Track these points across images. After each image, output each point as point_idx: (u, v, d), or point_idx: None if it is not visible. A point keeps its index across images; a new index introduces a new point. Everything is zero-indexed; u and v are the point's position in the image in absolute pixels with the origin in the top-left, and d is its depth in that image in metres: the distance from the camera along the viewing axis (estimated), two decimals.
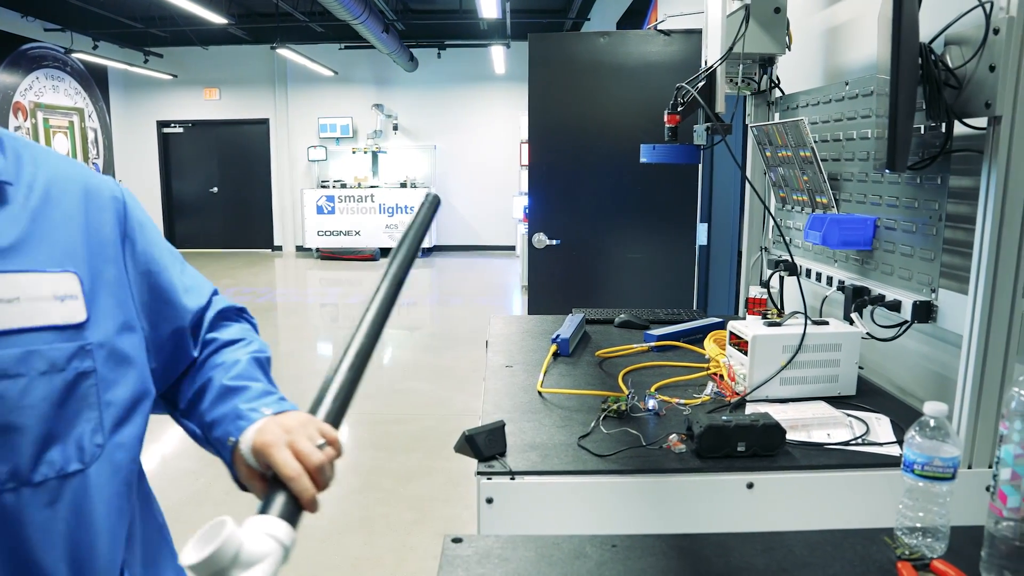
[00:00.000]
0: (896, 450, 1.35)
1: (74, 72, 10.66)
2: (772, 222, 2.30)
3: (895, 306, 1.60)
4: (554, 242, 3.61)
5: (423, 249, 10.59)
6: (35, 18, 9.11)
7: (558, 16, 9.95)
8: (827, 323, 1.67)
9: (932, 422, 0.98)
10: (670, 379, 1.74)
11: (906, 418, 1.47)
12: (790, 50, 2.05)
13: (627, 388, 1.66)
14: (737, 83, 2.11)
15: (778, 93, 2.24)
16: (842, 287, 1.80)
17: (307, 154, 12.00)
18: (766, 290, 2.17)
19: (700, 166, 3.47)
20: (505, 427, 1.34)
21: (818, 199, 1.95)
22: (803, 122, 1.85)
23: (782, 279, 2.23)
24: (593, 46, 3.50)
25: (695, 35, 2.95)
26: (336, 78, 11.71)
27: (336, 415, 0.86)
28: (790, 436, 1.36)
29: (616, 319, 2.34)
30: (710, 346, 1.93)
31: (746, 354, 1.59)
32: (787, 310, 2.17)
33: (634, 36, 3.66)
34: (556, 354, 1.96)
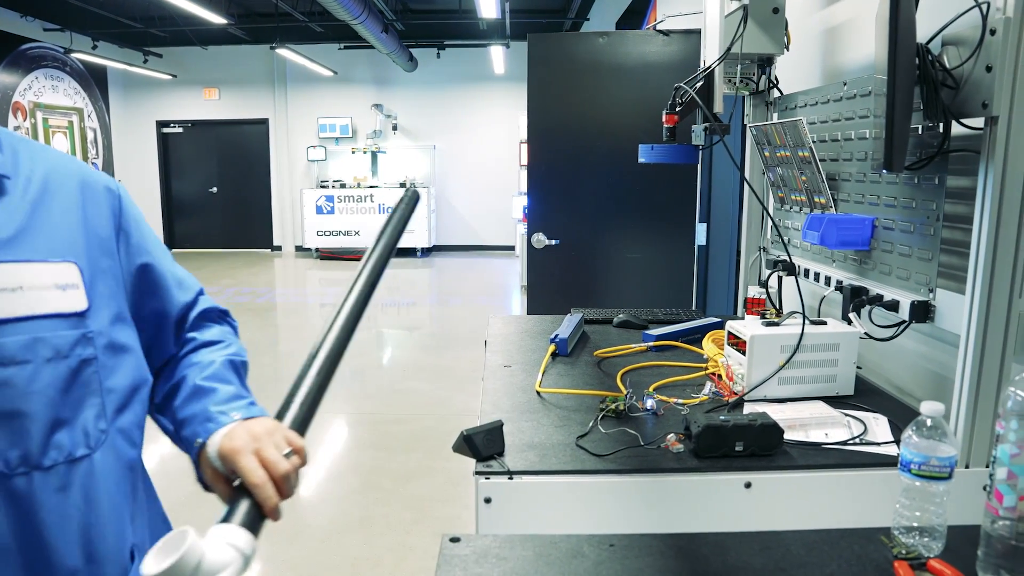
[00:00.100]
0: (894, 450, 1.35)
1: (73, 72, 10.65)
2: (770, 222, 2.30)
3: (893, 306, 1.60)
4: (553, 242, 3.61)
5: (422, 249, 10.46)
6: (34, 18, 9.11)
7: (557, 16, 9.95)
8: (825, 323, 1.67)
9: (929, 422, 0.98)
10: (668, 379, 1.75)
11: (904, 418, 1.47)
12: (788, 50, 2.05)
13: (625, 388, 1.66)
14: (735, 83, 2.11)
15: (776, 93, 2.24)
16: (840, 287, 1.80)
17: (306, 154, 12.00)
18: (765, 290, 2.17)
19: (699, 166, 3.47)
20: (503, 427, 1.34)
21: (816, 199, 1.96)
22: (801, 122, 1.86)
23: (780, 279, 2.24)
24: (592, 46, 3.50)
25: (694, 35, 2.95)
26: (335, 78, 11.71)
27: (302, 422, 0.88)
28: (788, 436, 1.36)
29: (615, 319, 2.34)
30: (708, 346, 1.93)
31: (744, 354, 1.59)
32: (785, 310, 2.17)
33: (633, 36, 3.66)
34: (555, 354, 1.96)
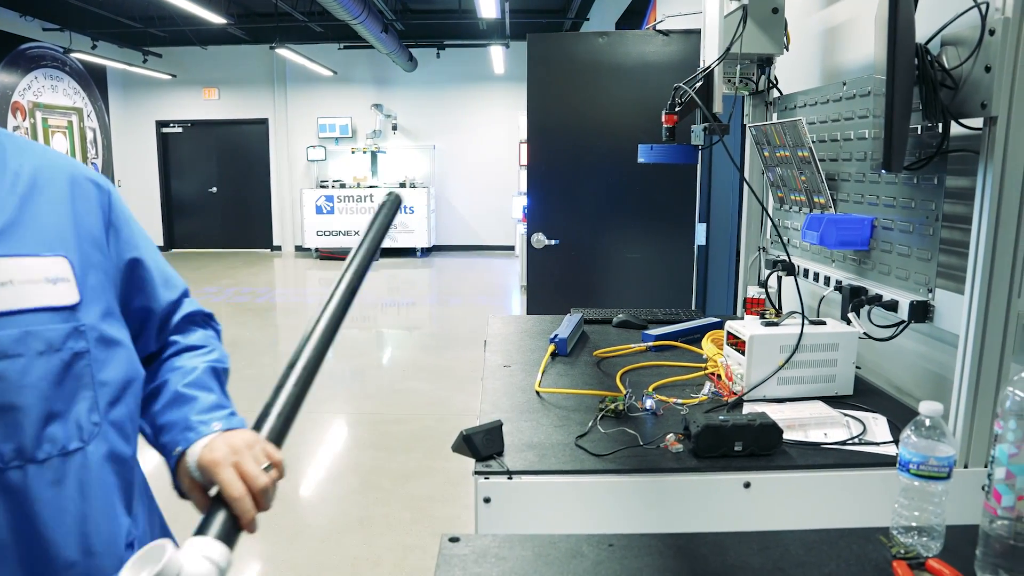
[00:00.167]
0: (892, 449, 1.35)
1: (73, 72, 10.65)
2: (770, 222, 2.30)
3: (892, 306, 1.60)
4: (553, 242, 3.61)
5: (422, 249, 10.46)
6: (34, 18, 9.10)
7: (557, 16, 9.95)
8: (824, 323, 1.67)
9: (928, 421, 0.98)
10: (668, 379, 1.75)
11: (903, 418, 1.47)
12: (788, 50, 2.05)
13: (625, 388, 1.67)
14: (735, 83, 2.11)
15: (776, 93, 2.24)
16: (839, 287, 1.80)
17: (306, 154, 12.00)
18: (764, 290, 2.17)
19: (698, 166, 3.47)
20: (503, 427, 1.34)
21: (816, 199, 1.96)
22: (801, 122, 1.86)
23: (780, 279, 2.24)
24: (592, 46, 3.50)
25: (693, 35, 2.95)
26: (335, 78, 11.70)
27: (279, 433, 0.89)
28: (787, 436, 1.36)
29: (614, 319, 2.34)
30: (708, 346, 1.93)
31: (744, 354, 1.59)
32: (785, 310, 2.17)
33: (633, 36, 3.66)
34: (554, 354, 1.96)
